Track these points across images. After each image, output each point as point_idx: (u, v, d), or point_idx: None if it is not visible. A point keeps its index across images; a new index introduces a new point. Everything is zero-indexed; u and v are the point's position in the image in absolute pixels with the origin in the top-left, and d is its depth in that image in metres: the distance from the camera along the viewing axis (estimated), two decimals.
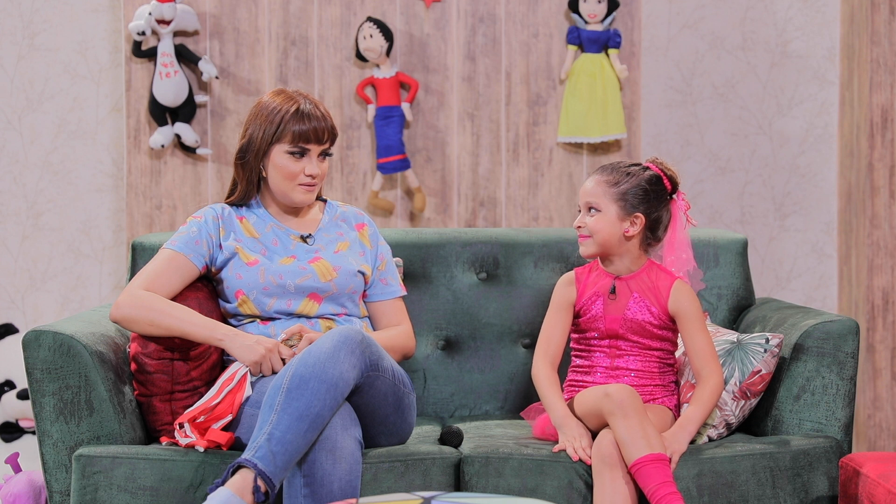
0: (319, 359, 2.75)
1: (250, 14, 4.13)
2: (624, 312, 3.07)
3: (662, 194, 3.08)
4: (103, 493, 2.87)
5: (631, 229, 3.05)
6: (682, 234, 3.10)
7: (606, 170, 3.10)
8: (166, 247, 3.11)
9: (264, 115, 3.11)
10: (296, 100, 3.11)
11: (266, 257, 3.12)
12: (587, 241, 3.08)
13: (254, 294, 3.08)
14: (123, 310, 3.01)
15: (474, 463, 2.93)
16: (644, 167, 3.09)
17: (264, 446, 2.66)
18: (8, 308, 4.41)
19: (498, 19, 4.16)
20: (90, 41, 4.38)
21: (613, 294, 3.09)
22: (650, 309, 3.06)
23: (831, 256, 4.56)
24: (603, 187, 3.06)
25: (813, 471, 2.98)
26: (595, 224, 3.06)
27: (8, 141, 4.40)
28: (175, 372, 3.01)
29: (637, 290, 3.08)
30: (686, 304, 3.05)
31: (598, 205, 3.06)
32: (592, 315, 3.10)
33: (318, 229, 3.21)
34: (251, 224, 3.17)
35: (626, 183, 3.05)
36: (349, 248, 3.19)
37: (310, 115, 3.09)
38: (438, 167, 4.18)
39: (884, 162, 4.30)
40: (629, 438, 2.82)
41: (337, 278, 3.11)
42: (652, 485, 2.78)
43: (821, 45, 4.53)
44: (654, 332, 3.07)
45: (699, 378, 3.02)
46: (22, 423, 4.22)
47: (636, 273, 3.09)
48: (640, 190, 3.05)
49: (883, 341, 4.31)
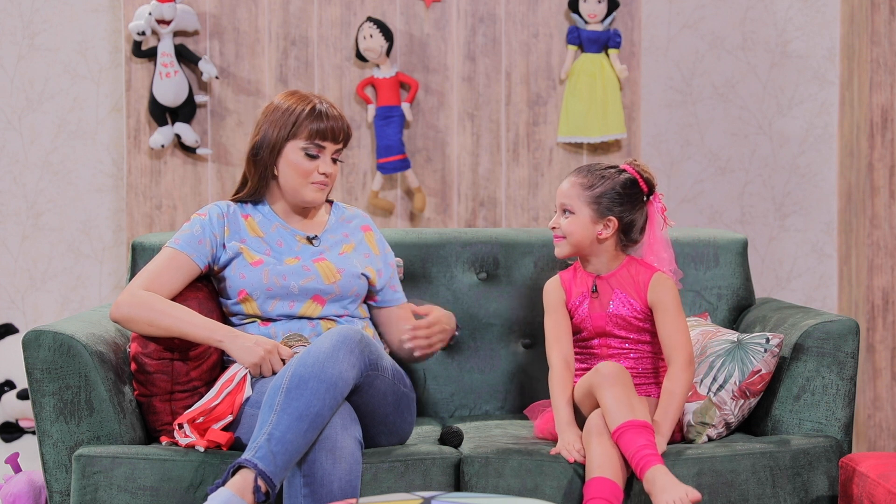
0: (318, 358, 2.75)
1: (250, 14, 4.13)
2: (607, 309, 3.10)
3: (637, 197, 3.10)
4: (103, 493, 2.87)
5: (604, 232, 3.08)
6: (660, 234, 3.13)
7: (583, 171, 3.12)
8: (169, 245, 3.11)
9: (279, 113, 3.11)
10: (311, 100, 3.11)
11: (271, 257, 3.11)
12: (561, 242, 3.12)
13: (257, 294, 3.07)
14: (123, 309, 3.01)
15: (474, 463, 2.93)
16: (620, 170, 3.11)
17: (264, 446, 2.66)
18: (8, 308, 4.41)
19: (498, 19, 4.16)
20: (90, 41, 4.38)
21: (595, 293, 3.11)
22: (631, 303, 3.09)
23: (831, 256, 4.56)
24: (577, 189, 3.09)
25: (813, 471, 2.98)
26: (568, 226, 3.09)
27: (8, 141, 4.40)
28: (175, 372, 3.01)
29: (618, 286, 3.11)
30: (661, 294, 3.07)
31: (571, 207, 3.09)
32: (581, 315, 3.13)
33: (324, 230, 3.20)
34: (256, 223, 3.16)
35: (601, 186, 3.08)
36: (354, 249, 3.19)
37: (326, 115, 3.10)
38: (438, 167, 4.18)
39: (884, 162, 4.30)
40: (614, 406, 2.85)
41: (340, 280, 3.11)
42: (632, 448, 2.80)
43: (821, 45, 4.53)
44: (639, 325, 3.09)
45: (668, 366, 3.04)
46: (22, 423, 4.22)
47: (615, 270, 3.12)
48: (615, 193, 3.07)
49: (883, 341, 4.31)
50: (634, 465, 2.79)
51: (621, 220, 3.08)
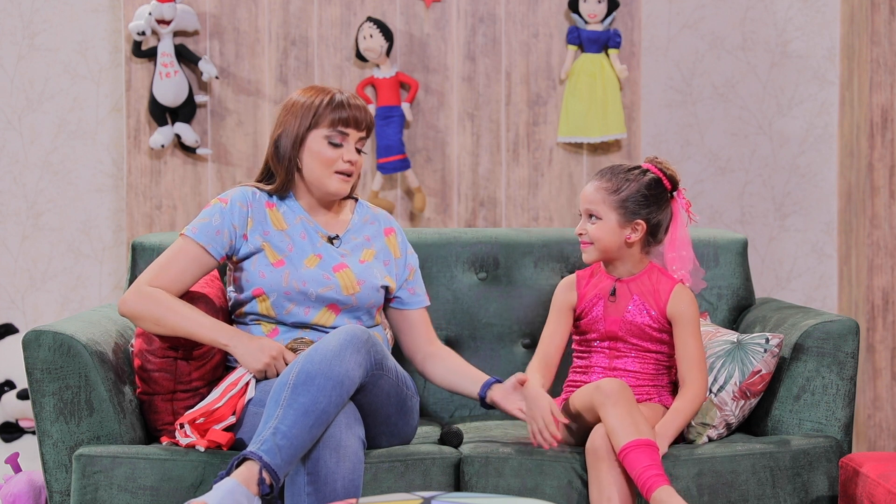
0: (326, 356, 2.74)
1: (250, 14, 4.13)
2: (623, 315, 3.06)
3: (663, 196, 3.07)
4: (103, 492, 2.87)
5: (633, 236, 3.04)
6: (683, 231, 3.08)
7: (606, 175, 3.07)
8: (186, 234, 3.04)
9: (299, 105, 3.07)
10: (331, 91, 3.08)
11: (292, 255, 3.06)
12: (589, 248, 3.07)
13: (274, 296, 3.04)
14: (129, 304, 2.99)
15: (474, 463, 2.93)
16: (643, 170, 3.07)
17: (269, 440, 2.66)
18: (8, 308, 4.41)
19: (498, 19, 4.16)
20: (90, 41, 4.38)
21: (613, 296, 3.08)
22: (649, 312, 3.05)
23: (831, 256, 4.56)
24: (602, 194, 3.04)
25: (813, 471, 2.98)
26: (596, 232, 3.04)
27: (8, 141, 4.40)
28: (178, 371, 3.01)
29: (637, 292, 3.07)
30: (684, 308, 3.04)
31: (598, 212, 3.04)
32: (593, 317, 3.10)
33: (346, 230, 3.14)
34: (280, 214, 3.10)
35: (626, 189, 3.03)
36: (375, 257, 3.14)
37: (348, 103, 3.06)
38: (438, 167, 4.18)
39: (884, 162, 4.30)
40: (618, 425, 2.82)
41: (359, 293, 3.06)
42: (638, 468, 2.77)
43: (821, 45, 4.53)
44: (653, 335, 3.07)
45: (682, 384, 3.02)
46: (22, 423, 4.22)
47: (637, 276, 3.09)
48: (641, 196, 3.03)
49: (883, 341, 4.31)
50: (640, 485, 2.76)
51: (649, 223, 3.04)
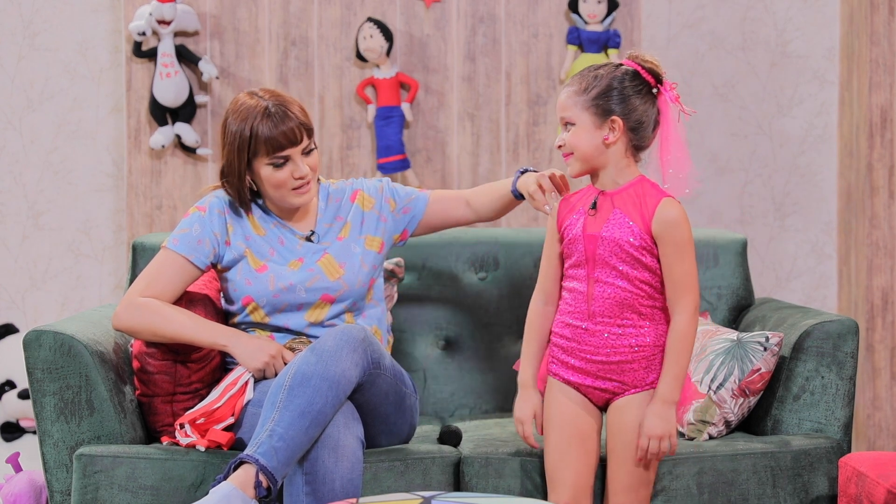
0: (322, 356, 2.74)
1: (250, 14, 4.13)
2: (601, 229, 2.79)
3: (641, 90, 2.78)
4: (104, 492, 2.87)
5: (610, 136, 2.77)
6: (675, 130, 2.79)
7: (576, 77, 2.82)
8: (168, 246, 3.04)
9: (234, 137, 2.99)
10: (257, 108, 2.99)
11: (274, 260, 3.06)
12: (570, 160, 2.81)
13: (263, 302, 3.04)
14: (123, 319, 2.99)
15: (474, 463, 2.94)
16: (617, 65, 2.81)
17: (266, 442, 2.66)
18: (8, 308, 4.41)
19: (498, 19, 4.16)
20: (90, 41, 4.38)
21: (594, 209, 2.80)
22: (629, 225, 2.76)
23: (831, 256, 4.57)
24: (573, 97, 2.79)
25: (813, 471, 2.99)
26: (572, 139, 2.78)
27: (8, 141, 4.40)
28: (177, 374, 3.01)
29: (620, 205, 2.79)
30: (671, 224, 2.74)
31: (571, 117, 2.79)
32: (573, 237, 2.83)
33: (317, 222, 3.13)
34: (256, 219, 3.10)
35: (596, 87, 2.77)
36: (351, 229, 3.12)
37: (277, 121, 2.97)
38: (438, 167, 4.18)
39: (883, 162, 4.30)
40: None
41: (345, 275, 3.07)
42: None
43: (820, 45, 4.53)
44: (633, 253, 2.76)
45: (672, 318, 2.76)
46: (22, 423, 4.22)
47: (623, 187, 2.80)
48: (614, 91, 2.77)
49: (882, 341, 4.32)
50: None
51: (627, 119, 2.76)
